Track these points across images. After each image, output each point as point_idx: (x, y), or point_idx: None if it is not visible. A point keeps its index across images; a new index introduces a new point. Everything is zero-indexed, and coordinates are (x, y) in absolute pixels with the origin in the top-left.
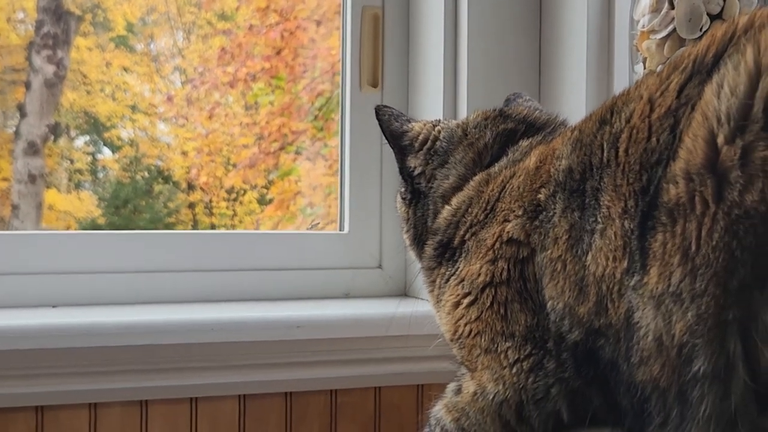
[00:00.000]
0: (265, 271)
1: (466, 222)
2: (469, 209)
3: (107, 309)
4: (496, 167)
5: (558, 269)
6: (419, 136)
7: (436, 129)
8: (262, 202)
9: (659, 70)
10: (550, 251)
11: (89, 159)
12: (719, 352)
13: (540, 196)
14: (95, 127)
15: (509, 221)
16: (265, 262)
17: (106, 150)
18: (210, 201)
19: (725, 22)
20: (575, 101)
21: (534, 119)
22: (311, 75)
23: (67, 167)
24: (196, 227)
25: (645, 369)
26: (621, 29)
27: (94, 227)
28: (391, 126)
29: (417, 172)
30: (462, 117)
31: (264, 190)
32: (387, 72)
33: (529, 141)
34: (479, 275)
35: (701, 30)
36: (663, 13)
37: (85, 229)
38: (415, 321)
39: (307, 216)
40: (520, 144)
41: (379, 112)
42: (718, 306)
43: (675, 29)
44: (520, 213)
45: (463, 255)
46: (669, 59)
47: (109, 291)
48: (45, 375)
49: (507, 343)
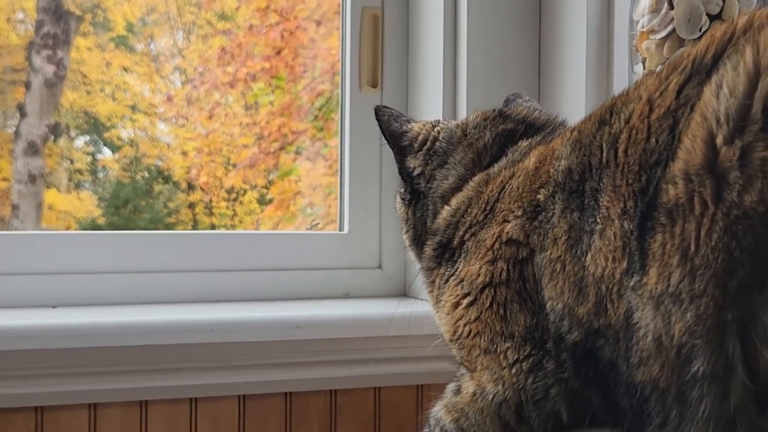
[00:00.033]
0: (265, 272)
1: (465, 222)
2: (469, 210)
3: (107, 309)
4: (495, 168)
5: (557, 270)
6: (419, 136)
7: (435, 129)
8: (262, 202)
9: (658, 70)
10: (549, 252)
11: (89, 159)
12: (718, 352)
13: (539, 196)
14: (95, 127)
15: (508, 222)
16: (265, 262)
17: (106, 150)
18: (210, 201)
19: (724, 22)
20: (575, 101)
21: (533, 120)
22: (311, 75)
23: (67, 167)
24: (196, 227)
25: (644, 369)
26: (620, 29)
27: (94, 227)
28: (391, 126)
29: (416, 172)
30: (461, 117)
31: (264, 190)
32: (387, 72)
33: (529, 141)
34: (478, 276)
35: (700, 30)
36: (662, 14)
37: (85, 229)
38: (415, 321)
39: (307, 216)
40: (519, 144)
41: (379, 112)
42: (717, 306)
43: (674, 29)
44: (519, 213)
45: (463, 255)
46: (668, 59)
47: (109, 291)
48: (45, 375)
49: (506, 344)
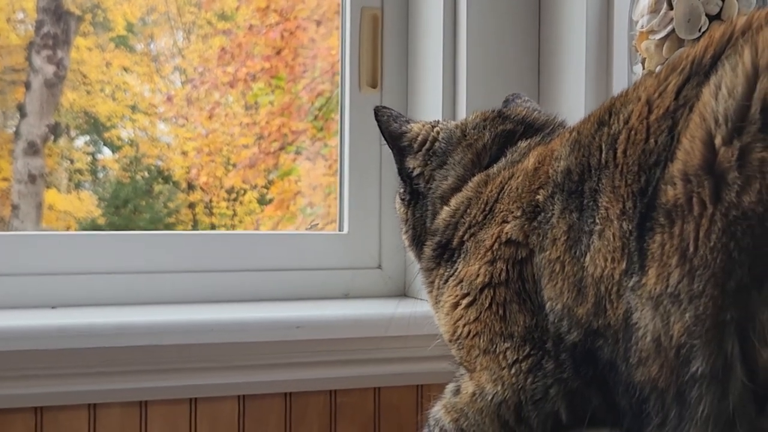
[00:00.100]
0: (265, 272)
1: (464, 223)
2: (468, 210)
3: (107, 310)
4: (494, 168)
5: (556, 270)
6: (418, 137)
7: (434, 130)
8: (262, 202)
9: (657, 71)
10: (548, 252)
11: (89, 159)
12: (717, 352)
13: (538, 197)
14: (95, 127)
15: (508, 222)
16: (265, 262)
17: (106, 150)
18: (210, 201)
19: (723, 22)
20: (574, 102)
21: (533, 120)
22: (311, 75)
23: (67, 167)
24: (196, 227)
25: (643, 369)
26: (620, 30)
27: (94, 227)
28: (390, 127)
29: (416, 173)
30: (461, 118)
31: (264, 190)
32: (386, 73)
33: (528, 142)
34: (478, 276)
35: (700, 30)
36: (662, 14)
37: (85, 229)
38: (415, 321)
39: (307, 216)
40: (518, 145)
41: (378, 113)
42: (716, 307)
43: (674, 30)
44: (518, 214)
45: (462, 256)
46: (667, 60)
47: (109, 291)
48: (44, 376)
49: (506, 344)
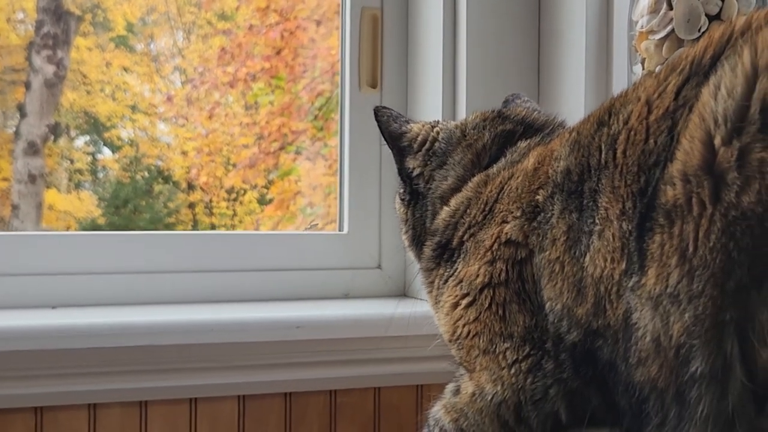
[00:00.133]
0: (265, 272)
1: (464, 223)
2: (468, 210)
3: (107, 310)
4: (494, 168)
5: (556, 270)
6: (418, 137)
7: (434, 130)
8: (262, 202)
9: (657, 71)
10: (548, 252)
11: (89, 159)
12: (716, 352)
13: (538, 197)
14: (95, 127)
15: (507, 222)
16: (265, 262)
17: (106, 150)
18: (210, 201)
19: (723, 23)
20: (574, 102)
21: (532, 120)
22: (311, 75)
23: (67, 167)
24: (196, 227)
25: (643, 369)
26: (620, 30)
27: (94, 227)
28: (390, 127)
29: (416, 173)
30: (461, 118)
31: (264, 190)
32: (386, 73)
33: (528, 142)
34: (477, 276)
35: (699, 31)
36: (661, 14)
37: (85, 229)
38: (415, 321)
39: (307, 216)
40: (518, 145)
41: (378, 113)
42: (715, 307)
43: (673, 30)
44: (518, 214)
45: (462, 256)
46: (667, 60)
47: (109, 292)
48: (44, 376)
49: (505, 344)
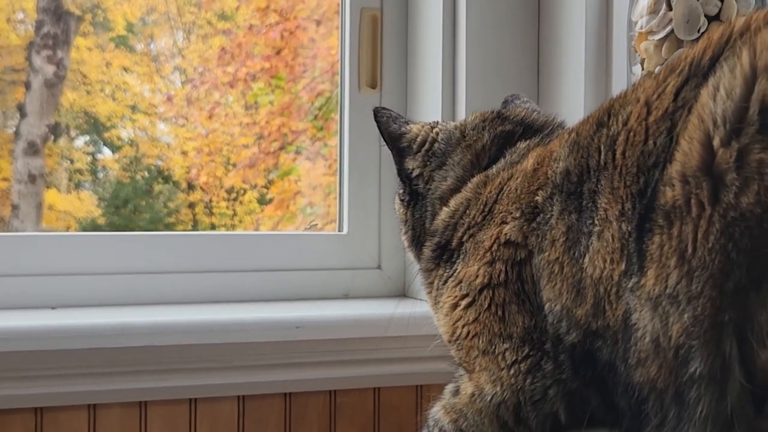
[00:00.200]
0: (265, 272)
1: (463, 224)
2: (467, 211)
3: (107, 310)
4: (493, 169)
5: (555, 271)
6: (417, 137)
7: (434, 131)
8: (262, 201)
9: (656, 72)
10: (547, 253)
11: (89, 159)
12: (715, 353)
13: (537, 198)
14: (95, 127)
15: (507, 223)
16: (265, 262)
17: (106, 150)
18: (210, 201)
19: (722, 23)
20: (573, 102)
21: (532, 121)
22: (311, 75)
23: (67, 167)
24: (196, 227)
25: (642, 370)
26: (619, 30)
27: (94, 227)
28: (389, 128)
29: (415, 173)
30: (460, 118)
31: (264, 189)
32: (386, 73)
33: (527, 143)
34: (477, 277)
35: (699, 31)
36: (661, 15)
37: (85, 230)
38: (414, 322)
39: (307, 216)
40: (517, 146)
41: (377, 113)
42: (714, 308)
43: (673, 30)
44: (517, 215)
45: (461, 257)
46: (666, 61)
47: (109, 292)
48: (44, 376)
49: (505, 345)
